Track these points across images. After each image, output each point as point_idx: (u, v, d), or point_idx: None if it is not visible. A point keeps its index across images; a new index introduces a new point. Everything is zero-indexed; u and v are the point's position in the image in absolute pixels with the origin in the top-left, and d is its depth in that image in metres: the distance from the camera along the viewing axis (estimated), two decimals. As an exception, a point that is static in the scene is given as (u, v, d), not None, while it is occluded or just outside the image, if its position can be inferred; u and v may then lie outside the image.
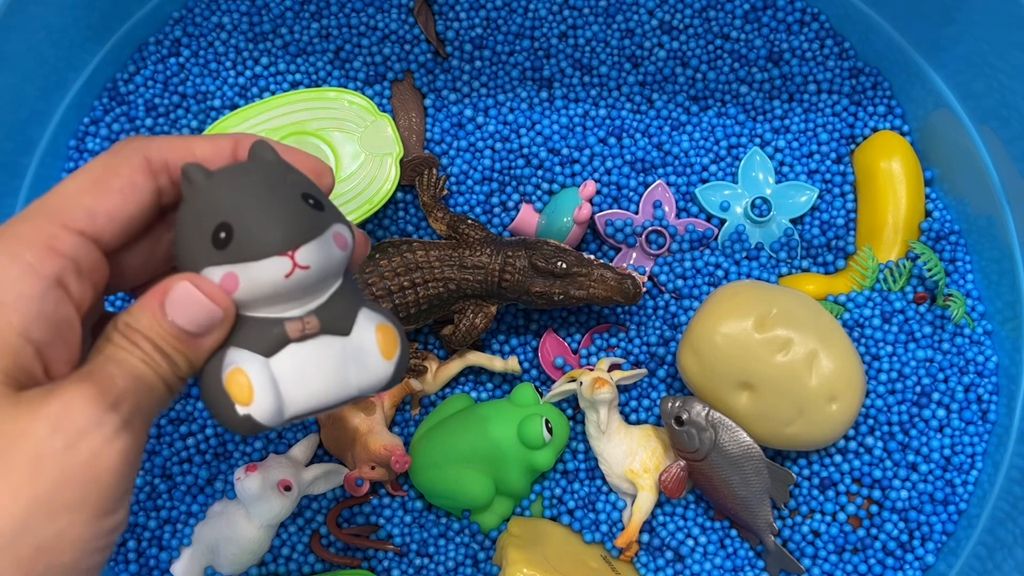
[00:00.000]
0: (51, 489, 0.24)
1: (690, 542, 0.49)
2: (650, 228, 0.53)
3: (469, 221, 0.51)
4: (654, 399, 0.51)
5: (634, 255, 0.54)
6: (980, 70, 0.50)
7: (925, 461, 0.49)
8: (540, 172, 0.54)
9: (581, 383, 0.47)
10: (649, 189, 0.54)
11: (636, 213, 0.54)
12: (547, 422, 0.47)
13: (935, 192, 0.54)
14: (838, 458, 0.50)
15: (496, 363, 0.51)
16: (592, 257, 0.49)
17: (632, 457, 0.48)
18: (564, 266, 0.48)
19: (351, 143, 0.52)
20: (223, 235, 0.26)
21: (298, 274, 0.27)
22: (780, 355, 0.45)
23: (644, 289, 0.50)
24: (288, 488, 0.45)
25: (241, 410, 0.27)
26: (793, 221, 0.54)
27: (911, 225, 0.53)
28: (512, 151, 0.55)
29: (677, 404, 0.47)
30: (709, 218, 0.54)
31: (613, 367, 0.50)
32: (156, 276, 0.31)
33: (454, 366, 0.51)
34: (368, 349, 0.29)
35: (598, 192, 0.54)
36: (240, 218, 0.26)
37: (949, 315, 0.51)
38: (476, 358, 0.51)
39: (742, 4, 0.57)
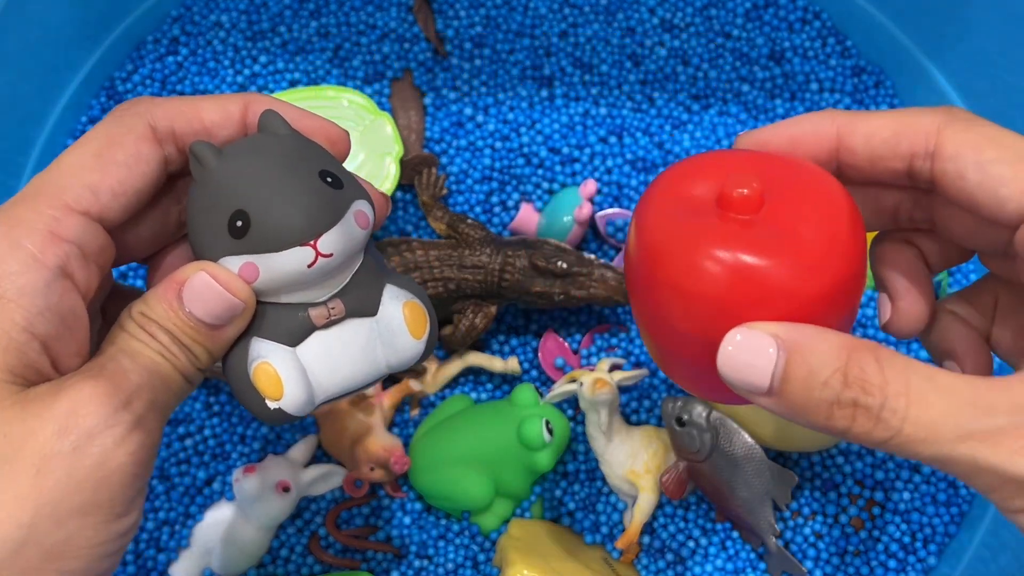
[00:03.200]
0: (59, 494, 0.23)
1: (691, 544, 0.49)
2: (651, 227, 0.52)
3: (469, 220, 0.50)
4: (655, 400, 0.51)
5: (635, 255, 0.53)
6: (983, 68, 0.49)
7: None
8: (540, 171, 0.54)
9: (581, 384, 0.47)
10: (650, 188, 0.53)
11: (637, 212, 0.53)
12: (547, 423, 0.47)
13: (938, 191, 0.54)
14: (840, 459, 0.49)
15: (496, 363, 0.51)
16: (592, 257, 0.49)
17: (633, 458, 0.48)
18: (564, 266, 0.48)
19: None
20: (240, 223, 0.25)
21: (321, 262, 0.25)
22: (782, 356, 0.45)
23: (645, 289, 0.50)
24: (287, 489, 0.45)
25: (272, 404, 0.27)
26: (795, 220, 0.54)
27: (914, 224, 0.53)
28: (512, 150, 0.55)
29: (678, 405, 0.46)
30: (710, 217, 0.54)
31: (614, 367, 0.50)
32: (168, 245, 0.30)
33: (454, 367, 0.51)
34: (396, 329, 0.28)
35: (599, 191, 0.54)
36: (257, 206, 0.25)
37: (952, 315, 0.50)
38: (476, 358, 0.51)
39: (743, 2, 0.57)
